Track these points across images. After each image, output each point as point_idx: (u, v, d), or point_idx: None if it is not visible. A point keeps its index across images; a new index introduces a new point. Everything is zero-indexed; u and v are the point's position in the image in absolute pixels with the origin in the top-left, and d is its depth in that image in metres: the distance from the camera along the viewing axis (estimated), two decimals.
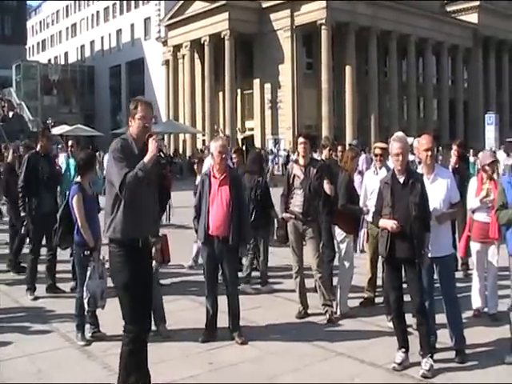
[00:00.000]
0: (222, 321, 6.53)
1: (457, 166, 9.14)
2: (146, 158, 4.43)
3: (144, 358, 4.71)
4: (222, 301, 6.54)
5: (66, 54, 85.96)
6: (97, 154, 15.09)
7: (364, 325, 6.97)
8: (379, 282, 7.58)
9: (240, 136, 50.90)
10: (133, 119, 4.63)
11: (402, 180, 5.65)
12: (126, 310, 4.59)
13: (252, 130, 51.04)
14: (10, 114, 50.47)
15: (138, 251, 4.59)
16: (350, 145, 10.31)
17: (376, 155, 7.68)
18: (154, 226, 4.98)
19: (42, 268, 8.69)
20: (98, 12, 78.45)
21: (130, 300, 4.56)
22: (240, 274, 7.92)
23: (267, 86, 49.07)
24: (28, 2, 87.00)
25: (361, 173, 8.35)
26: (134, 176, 4.36)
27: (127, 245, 4.56)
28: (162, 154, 4.61)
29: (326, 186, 7.31)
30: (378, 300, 7.75)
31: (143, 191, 4.52)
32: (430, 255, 5.73)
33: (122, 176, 4.37)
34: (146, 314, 4.73)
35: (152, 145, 4.47)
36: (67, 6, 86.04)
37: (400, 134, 6.46)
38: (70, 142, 10.06)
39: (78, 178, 6.67)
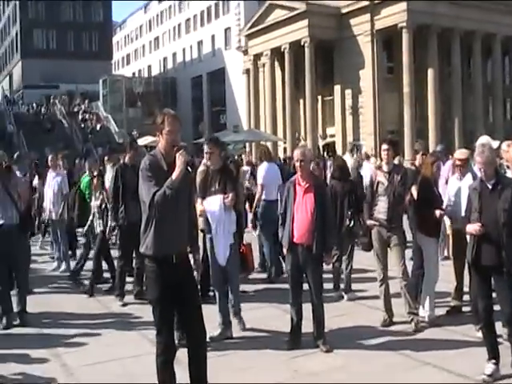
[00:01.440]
0: (307, 328, 6.54)
1: None
2: (174, 175, 4.45)
3: (200, 372, 4.92)
4: (307, 308, 6.55)
5: (149, 67, 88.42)
6: None
7: (451, 334, 6.81)
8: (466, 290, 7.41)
9: (321, 143, 50.71)
10: (160, 134, 4.65)
11: (490, 185, 5.51)
12: (156, 323, 4.77)
13: (333, 136, 50.76)
14: (98, 126, 52.40)
15: (171, 266, 4.64)
16: (434, 151, 10.13)
17: (456, 166, 7.58)
18: (190, 240, 5.00)
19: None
20: (179, 24, 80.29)
21: (159, 314, 4.72)
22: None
23: (348, 91, 48.70)
24: (113, 19, 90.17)
25: (447, 181, 8.21)
26: (163, 195, 4.41)
27: (160, 260, 4.64)
28: (189, 168, 4.61)
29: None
30: (466, 309, 7.54)
31: (174, 206, 4.56)
32: None
33: (151, 195, 4.43)
34: (171, 328, 4.88)
35: (179, 160, 4.48)
36: (150, 21, 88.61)
37: (484, 139, 6.31)
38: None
39: None
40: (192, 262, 5.01)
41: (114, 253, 9.67)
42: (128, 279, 9.05)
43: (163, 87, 77.60)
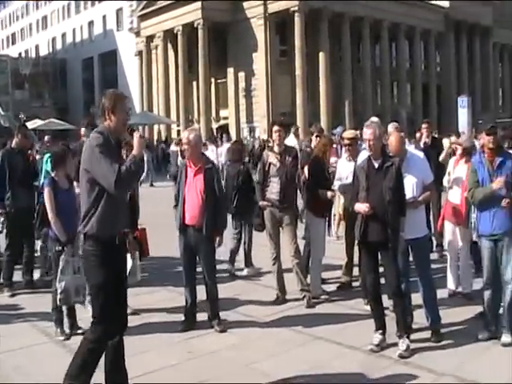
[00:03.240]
0: (202, 310, 6.58)
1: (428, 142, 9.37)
2: (136, 152, 4.36)
3: (120, 357, 4.67)
4: (201, 290, 6.58)
5: (36, 47, 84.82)
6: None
7: (342, 308, 7.06)
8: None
9: (215, 125, 50.74)
10: (112, 113, 4.50)
11: (376, 165, 5.72)
12: (98, 309, 4.49)
13: (227, 118, 50.90)
14: None
15: (114, 248, 4.50)
16: (332, 134, 10.43)
17: (345, 145, 7.81)
18: (127, 220, 4.96)
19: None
20: (69, 4, 77.45)
21: (104, 300, 4.45)
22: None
23: (241, 74, 48.93)
24: None
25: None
26: (128, 170, 4.27)
27: (105, 242, 4.44)
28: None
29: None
30: (356, 284, 7.84)
31: None
32: (405, 237, 5.83)
33: (115, 171, 4.24)
34: (121, 313, 4.62)
35: (138, 140, 4.41)
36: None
37: (374, 119, 6.53)
38: (46, 138, 9.95)
39: (53, 173, 6.62)
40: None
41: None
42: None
43: (52, 69, 74.88)
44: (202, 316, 6.59)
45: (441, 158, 8.84)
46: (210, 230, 6.42)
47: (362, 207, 5.65)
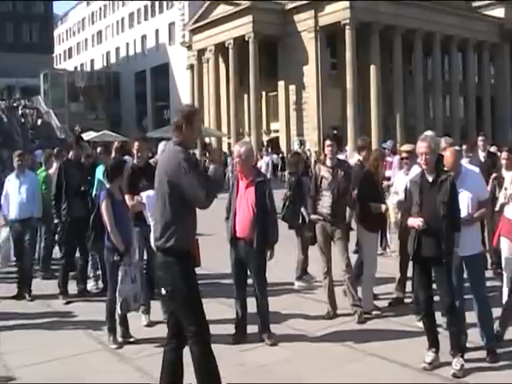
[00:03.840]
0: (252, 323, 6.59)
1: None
2: (217, 163, 4.55)
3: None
4: (252, 303, 6.60)
5: (92, 61, 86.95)
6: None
7: (393, 325, 6.97)
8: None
9: (265, 138, 50.91)
10: (190, 126, 4.56)
11: (430, 179, 5.65)
12: (193, 318, 4.54)
13: (277, 131, 51.03)
14: (39, 121, 51.24)
15: (191, 260, 4.66)
16: (383, 148, 10.33)
17: (402, 158, 7.75)
18: None
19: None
20: (122, 18, 79.21)
21: (197, 308, 4.56)
22: None
23: (292, 87, 49.03)
24: (55, 12, 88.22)
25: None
26: (215, 182, 4.48)
27: (187, 252, 4.59)
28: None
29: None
30: (408, 300, 7.72)
31: None
32: (459, 254, 5.73)
33: (206, 185, 4.41)
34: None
35: (215, 153, 4.59)
36: (92, 14, 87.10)
37: (429, 132, 6.45)
38: (98, 149, 10.14)
39: (108, 185, 6.77)
40: None
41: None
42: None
43: (106, 82, 76.53)
44: (252, 329, 6.59)
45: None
46: (261, 243, 6.44)
47: (415, 222, 5.59)
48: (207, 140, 4.70)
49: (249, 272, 6.63)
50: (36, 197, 9.15)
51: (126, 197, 7.01)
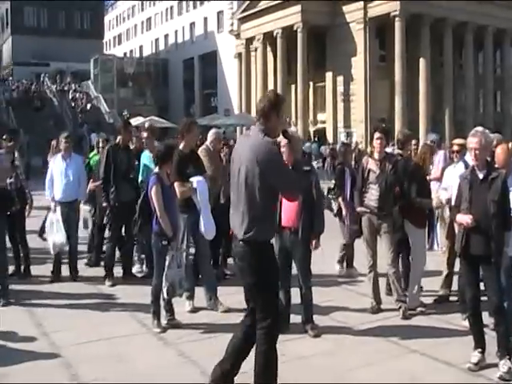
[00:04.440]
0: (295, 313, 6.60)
1: None
2: (298, 155, 4.77)
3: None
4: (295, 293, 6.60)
5: (140, 47, 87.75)
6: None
7: (438, 322, 6.87)
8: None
9: (312, 128, 50.73)
10: (277, 114, 4.49)
11: (481, 176, 5.53)
12: (268, 304, 4.52)
13: (324, 122, 50.76)
14: (88, 106, 52.07)
15: (272, 250, 4.75)
16: (431, 141, 10.14)
17: (453, 152, 7.63)
18: None
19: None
20: (171, 6, 79.63)
21: (275, 295, 4.65)
22: None
23: (339, 78, 48.65)
24: None
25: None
26: (302, 178, 4.72)
27: (270, 244, 4.66)
28: None
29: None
30: (454, 298, 7.60)
31: None
32: (509, 254, 5.61)
33: (298, 180, 4.57)
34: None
35: (296, 142, 4.74)
36: (142, 1, 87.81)
37: (480, 128, 6.32)
38: (144, 134, 10.18)
39: (157, 169, 6.82)
40: None
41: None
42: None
43: (155, 68, 77.14)
44: (295, 319, 6.58)
45: None
46: (307, 232, 6.42)
47: (464, 219, 5.48)
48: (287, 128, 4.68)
49: (294, 262, 6.62)
50: (82, 180, 9.27)
51: (176, 183, 7.06)
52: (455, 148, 7.58)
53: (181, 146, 7.49)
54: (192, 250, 7.57)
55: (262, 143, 4.40)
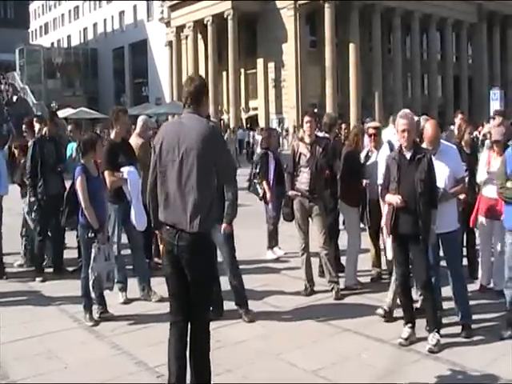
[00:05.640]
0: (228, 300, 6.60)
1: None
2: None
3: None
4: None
5: (68, 37, 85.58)
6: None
7: (370, 301, 6.98)
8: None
9: (244, 115, 50.80)
10: (207, 98, 4.37)
11: (408, 156, 5.64)
12: (209, 299, 4.52)
13: (256, 109, 50.94)
14: (14, 98, 50.52)
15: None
16: (362, 123, 10.35)
17: (370, 135, 7.77)
18: None
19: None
20: None
21: (214, 290, 4.64)
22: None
23: (271, 65, 48.86)
24: None
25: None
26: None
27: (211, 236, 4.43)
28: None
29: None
30: (386, 277, 7.75)
31: None
32: (436, 231, 5.75)
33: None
34: None
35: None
36: None
37: (407, 110, 6.44)
38: (69, 126, 10.03)
39: (82, 160, 6.66)
40: None
41: None
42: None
43: (84, 58, 75.56)
44: (228, 305, 6.58)
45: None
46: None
47: (394, 199, 5.58)
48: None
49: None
50: (2, 173, 8.93)
51: (106, 173, 6.92)
52: (371, 131, 7.74)
53: (112, 135, 7.35)
54: (122, 241, 7.43)
55: (210, 127, 4.19)
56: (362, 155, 7.83)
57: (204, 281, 4.24)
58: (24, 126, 9.86)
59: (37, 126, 9.74)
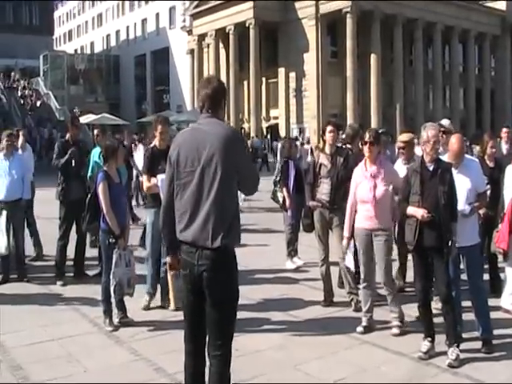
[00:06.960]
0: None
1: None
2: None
3: None
4: None
5: (91, 43, 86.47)
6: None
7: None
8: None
9: (265, 125, 50.85)
10: (225, 103, 4.04)
11: (431, 168, 5.61)
12: (231, 326, 3.90)
13: (277, 118, 50.96)
14: (38, 103, 51.01)
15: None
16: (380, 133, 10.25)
17: (399, 148, 7.72)
18: None
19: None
20: (123, 2, 78.68)
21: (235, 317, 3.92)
22: None
23: (292, 74, 48.90)
24: None
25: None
26: None
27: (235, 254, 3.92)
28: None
29: None
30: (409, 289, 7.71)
31: None
32: (457, 245, 5.71)
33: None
34: None
35: None
36: None
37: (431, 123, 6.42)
38: (95, 131, 10.07)
39: (105, 166, 6.72)
40: None
41: None
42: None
43: (106, 65, 76.16)
44: (247, 315, 6.56)
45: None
46: None
47: (419, 212, 5.53)
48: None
49: None
50: (25, 178, 9.04)
51: (143, 178, 7.05)
52: (400, 145, 7.68)
53: (156, 142, 7.33)
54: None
55: (233, 130, 3.96)
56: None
57: (226, 301, 3.79)
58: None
59: (21, 139, 9.90)
